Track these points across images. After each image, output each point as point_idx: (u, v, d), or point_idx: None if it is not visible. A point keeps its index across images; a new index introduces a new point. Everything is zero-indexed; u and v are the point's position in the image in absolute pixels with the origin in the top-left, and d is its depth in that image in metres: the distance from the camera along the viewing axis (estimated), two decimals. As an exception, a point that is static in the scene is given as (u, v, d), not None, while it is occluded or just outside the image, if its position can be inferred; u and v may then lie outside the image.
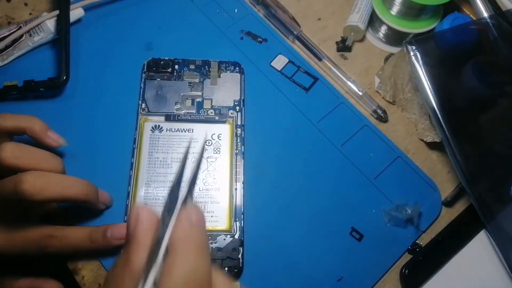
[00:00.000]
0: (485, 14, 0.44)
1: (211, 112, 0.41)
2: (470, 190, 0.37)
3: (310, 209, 0.38)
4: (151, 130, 0.39)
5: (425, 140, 0.42)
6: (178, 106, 0.40)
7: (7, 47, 0.41)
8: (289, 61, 0.45)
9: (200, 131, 0.39)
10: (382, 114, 0.43)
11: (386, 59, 0.46)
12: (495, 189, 0.38)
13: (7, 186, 0.28)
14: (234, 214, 0.37)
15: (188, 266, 0.21)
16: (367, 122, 0.43)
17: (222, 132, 0.40)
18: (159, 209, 0.36)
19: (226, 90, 0.42)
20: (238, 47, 0.45)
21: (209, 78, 0.42)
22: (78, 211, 0.35)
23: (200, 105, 0.41)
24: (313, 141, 0.41)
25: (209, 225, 0.36)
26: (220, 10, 0.47)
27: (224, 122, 0.40)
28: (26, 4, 0.46)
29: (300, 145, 0.41)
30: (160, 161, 0.38)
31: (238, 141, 0.40)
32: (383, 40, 0.47)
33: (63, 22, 0.41)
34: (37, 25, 0.41)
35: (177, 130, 0.39)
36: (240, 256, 0.35)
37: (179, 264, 0.21)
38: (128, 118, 0.40)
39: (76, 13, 0.43)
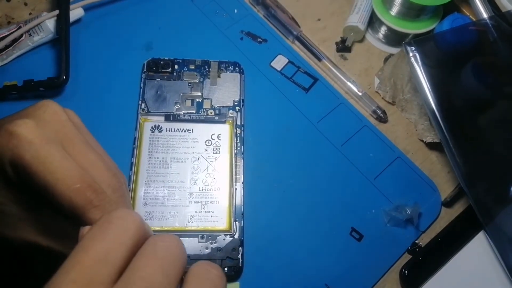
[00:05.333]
0: (485, 15, 0.44)
1: (211, 112, 0.41)
2: (468, 191, 0.37)
3: (310, 209, 0.38)
4: (151, 130, 0.39)
5: (424, 140, 0.42)
6: (178, 106, 0.40)
7: (6, 46, 0.41)
8: (289, 62, 0.45)
9: (200, 131, 0.39)
10: (381, 115, 0.43)
11: (386, 59, 0.46)
12: (494, 190, 0.38)
13: None
14: (234, 214, 0.37)
15: None
16: (367, 123, 0.43)
17: (222, 132, 0.40)
18: (159, 209, 0.36)
19: (225, 90, 0.42)
20: (238, 47, 0.45)
21: (209, 78, 0.42)
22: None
23: (199, 105, 0.41)
24: (312, 141, 0.41)
25: (209, 225, 0.36)
26: (220, 10, 0.47)
27: (223, 122, 0.40)
28: (26, 4, 0.46)
29: (300, 145, 0.41)
30: (160, 161, 0.38)
31: (238, 141, 0.40)
32: (383, 40, 0.48)
33: (63, 22, 0.41)
34: (37, 25, 0.41)
35: (176, 130, 0.39)
36: (240, 256, 0.35)
37: None
38: (128, 118, 0.40)
39: (76, 13, 0.43)
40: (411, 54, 0.39)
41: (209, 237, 0.35)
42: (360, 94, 0.44)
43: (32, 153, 0.22)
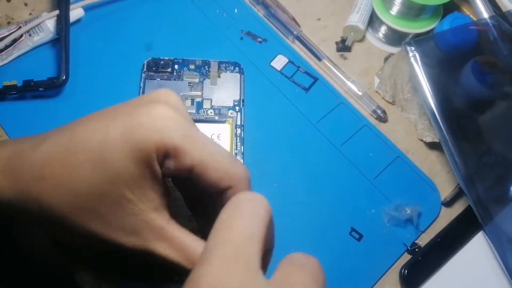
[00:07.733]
0: (485, 15, 0.44)
1: (211, 112, 0.41)
2: (467, 191, 0.37)
3: (310, 209, 0.38)
4: (150, 130, 0.39)
5: (424, 140, 0.42)
6: (178, 106, 0.40)
7: (6, 47, 0.41)
8: (289, 61, 0.45)
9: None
10: (381, 114, 0.43)
11: (386, 59, 0.46)
12: (493, 190, 0.38)
13: None
14: (234, 214, 0.37)
15: None
16: (367, 122, 0.43)
17: (222, 132, 0.40)
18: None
19: (225, 90, 0.42)
20: (238, 47, 0.45)
21: (209, 78, 0.42)
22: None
23: (199, 105, 0.41)
24: (312, 141, 0.41)
25: (209, 225, 0.36)
26: (220, 10, 0.47)
27: (223, 122, 0.40)
28: (26, 4, 0.46)
29: (300, 145, 0.41)
30: (160, 161, 0.38)
31: (238, 141, 0.40)
32: (383, 40, 0.48)
33: (63, 22, 0.41)
34: (37, 25, 0.41)
35: (176, 130, 0.39)
36: (239, 256, 0.35)
37: None
38: (127, 118, 0.40)
39: (76, 13, 0.43)
40: (411, 54, 0.39)
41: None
42: (360, 93, 0.44)
43: (182, 131, 0.21)
